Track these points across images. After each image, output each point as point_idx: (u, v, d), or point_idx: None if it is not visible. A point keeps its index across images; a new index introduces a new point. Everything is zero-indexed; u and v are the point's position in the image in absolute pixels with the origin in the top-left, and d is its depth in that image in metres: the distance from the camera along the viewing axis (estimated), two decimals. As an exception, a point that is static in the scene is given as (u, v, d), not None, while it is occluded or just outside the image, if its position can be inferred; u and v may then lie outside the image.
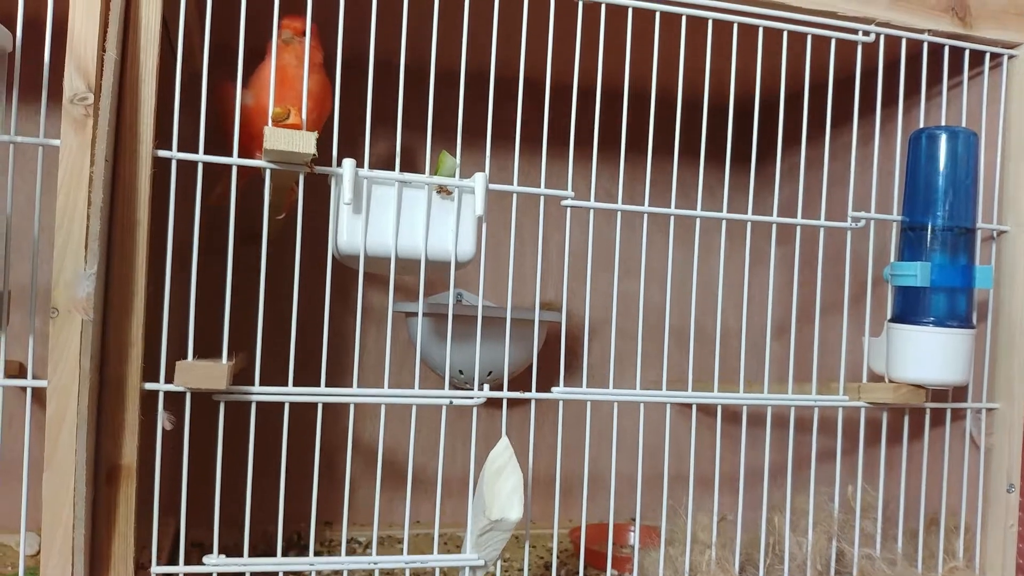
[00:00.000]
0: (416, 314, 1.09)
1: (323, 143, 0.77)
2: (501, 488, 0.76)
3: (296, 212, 0.82)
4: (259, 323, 0.77)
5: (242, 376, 0.80)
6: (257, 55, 0.85)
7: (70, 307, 0.70)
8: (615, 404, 0.87)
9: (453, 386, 1.13)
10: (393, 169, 0.80)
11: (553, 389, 0.84)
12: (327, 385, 0.80)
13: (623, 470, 0.90)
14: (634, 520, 1.22)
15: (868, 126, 0.96)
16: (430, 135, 0.82)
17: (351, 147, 0.82)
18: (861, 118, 0.93)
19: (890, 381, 0.91)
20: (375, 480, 0.87)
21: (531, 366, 0.87)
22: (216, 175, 0.86)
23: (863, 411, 0.93)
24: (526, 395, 0.83)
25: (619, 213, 0.86)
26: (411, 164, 1.11)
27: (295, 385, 0.79)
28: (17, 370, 1.02)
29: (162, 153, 0.74)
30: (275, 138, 0.73)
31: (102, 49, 0.70)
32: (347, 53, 0.83)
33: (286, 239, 0.87)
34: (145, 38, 0.73)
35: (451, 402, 0.82)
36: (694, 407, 0.90)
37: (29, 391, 0.73)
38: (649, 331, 0.92)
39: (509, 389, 0.84)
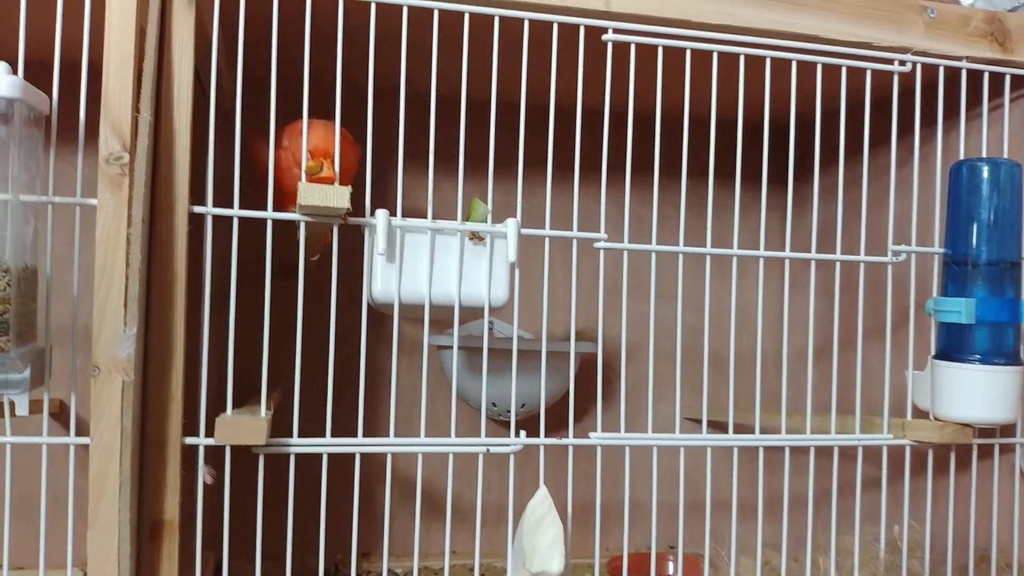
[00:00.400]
0: (447, 347, 1.10)
1: (355, 190, 0.77)
2: (541, 540, 0.76)
3: (331, 255, 0.82)
4: (296, 376, 0.78)
5: (280, 422, 0.80)
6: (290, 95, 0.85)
7: (111, 366, 0.70)
8: (654, 448, 0.86)
9: (494, 420, 1.13)
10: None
11: (591, 435, 0.84)
12: (364, 422, 0.80)
13: (662, 498, 0.90)
14: (673, 548, 1.21)
15: (904, 148, 0.94)
16: (461, 177, 0.82)
17: (381, 184, 0.82)
18: (897, 142, 0.91)
19: (935, 418, 0.90)
20: (411, 511, 0.86)
21: (566, 395, 0.86)
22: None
23: (908, 448, 0.91)
24: (563, 441, 0.83)
25: (653, 254, 0.85)
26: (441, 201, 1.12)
27: (333, 426, 0.80)
28: (58, 407, 1.03)
29: (197, 209, 0.75)
30: (309, 193, 0.74)
31: (136, 109, 0.71)
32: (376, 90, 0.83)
33: (321, 276, 0.87)
34: (178, 96, 0.74)
35: (488, 450, 0.82)
36: (735, 450, 0.89)
37: (72, 448, 0.74)
38: (686, 356, 0.92)
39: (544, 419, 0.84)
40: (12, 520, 0.75)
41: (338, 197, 0.74)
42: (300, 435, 0.78)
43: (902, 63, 0.89)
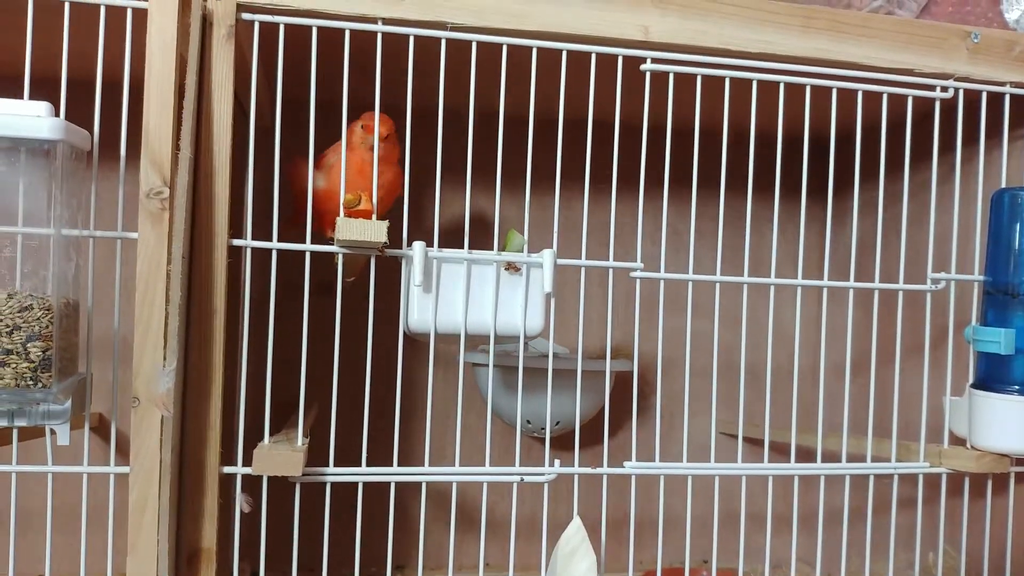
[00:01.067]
0: (481, 364, 1.10)
1: (392, 219, 0.77)
2: (574, 571, 0.76)
3: (368, 282, 0.82)
4: (332, 405, 0.78)
5: (316, 448, 0.81)
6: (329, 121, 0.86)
7: (150, 399, 0.71)
8: (689, 477, 0.86)
9: (530, 436, 1.13)
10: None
11: (626, 464, 0.84)
12: (399, 435, 0.80)
13: (695, 512, 0.89)
14: (707, 563, 1.21)
15: (945, 170, 0.93)
16: (498, 208, 0.82)
17: (416, 208, 0.83)
18: (936, 163, 0.90)
19: (972, 447, 0.89)
20: (445, 523, 0.87)
21: (600, 411, 0.86)
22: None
23: (944, 477, 0.90)
24: (598, 471, 0.83)
25: (690, 283, 0.85)
26: (479, 219, 1.12)
27: (368, 442, 0.80)
28: (98, 420, 1.05)
29: (236, 242, 0.76)
30: (347, 228, 0.74)
31: (176, 146, 0.71)
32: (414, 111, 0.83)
33: (356, 296, 0.88)
34: (218, 131, 0.74)
35: (522, 479, 0.82)
36: (771, 478, 0.89)
37: (112, 478, 0.75)
38: (721, 372, 0.91)
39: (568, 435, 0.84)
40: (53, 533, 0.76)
41: (375, 231, 0.74)
42: (336, 453, 0.79)
43: (944, 89, 0.88)
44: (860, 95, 0.86)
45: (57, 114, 0.68)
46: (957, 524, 0.92)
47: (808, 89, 0.85)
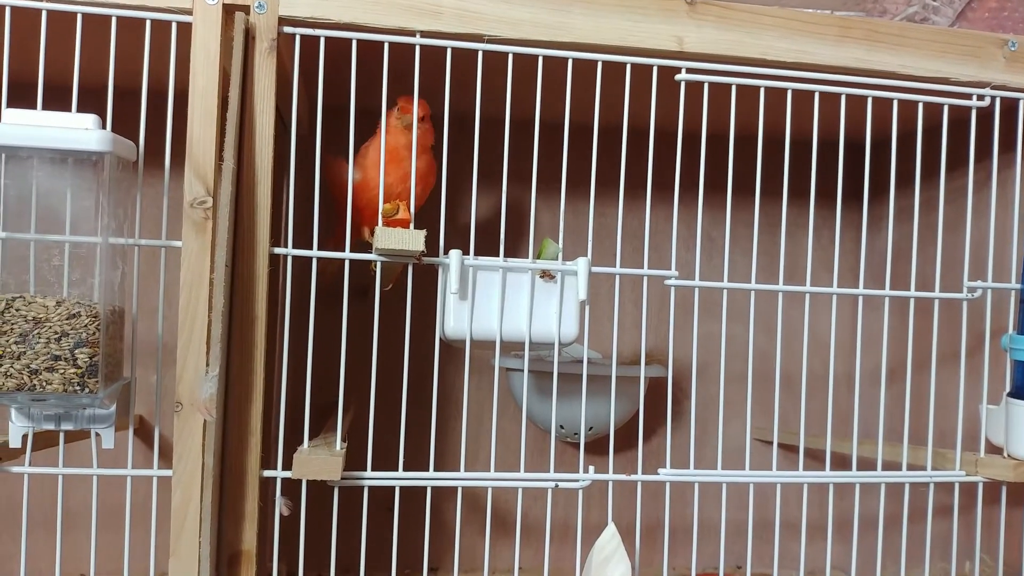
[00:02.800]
0: (515, 369, 1.11)
1: (428, 226, 0.79)
2: (609, 577, 0.77)
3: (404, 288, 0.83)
4: (371, 410, 0.80)
5: (352, 451, 0.82)
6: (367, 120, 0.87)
7: (194, 403, 0.73)
8: (724, 485, 0.86)
9: (562, 441, 1.14)
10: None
11: (660, 471, 0.84)
12: (436, 437, 0.82)
13: (729, 516, 0.89)
14: (741, 568, 1.21)
15: (982, 172, 0.93)
16: (533, 215, 0.83)
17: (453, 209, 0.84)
18: (974, 168, 0.90)
19: (1009, 456, 0.88)
20: (479, 526, 0.88)
21: (634, 416, 0.87)
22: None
23: (980, 485, 0.90)
24: (632, 478, 0.84)
25: (725, 291, 0.85)
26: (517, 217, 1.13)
27: (405, 456, 0.82)
28: (139, 422, 1.07)
29: (277, 250, 0.77)
30: (386, 237, 0.75)
31: (219, 157, 0.73)
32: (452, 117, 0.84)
33: (390, 302, 0.90)
34: (260, 142, 0.76)
35: (556, 485, 0.83)
36: (805, 486, 0.89)
37: (155, 480, 0.77)
38: (756, 378, 0.91)
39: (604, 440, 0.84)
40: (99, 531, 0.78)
41: (413, 240, 0.76)
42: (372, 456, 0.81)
43: (980, 97, 0.88)
44: (896, 103, 0.86)
45: (104, 125, 0.70)
46: (994, 533, 0.91)
47: (843, 98, 0.85)
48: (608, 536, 0.79)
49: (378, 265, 0.81)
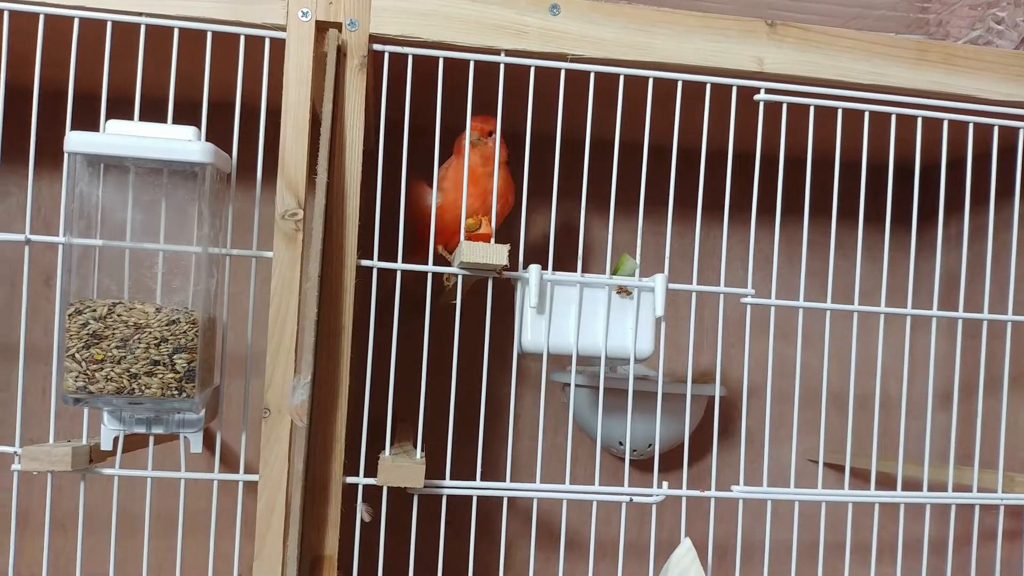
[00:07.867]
0: (583, 386, 1.11)
1: (509, 242, 0.80)
2: (685, 591, 0.78)
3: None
4: (450, 422, 0.81)
5: (432, 464, 0.83)
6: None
7: (281, 409, 0.75)
8: (796, 503, 0.87)
9: (612, 454, 1.15)
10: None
11: (733, 488, 0.85)
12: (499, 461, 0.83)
13: (776, 536, 0.90)
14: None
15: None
16: (611, 232, 0.84)
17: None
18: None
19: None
20: (528, 540, 0.88)
21: (692, 434, 0.87)
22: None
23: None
24: (705, 494, 0.84)
25: (801, 310, 0.86)
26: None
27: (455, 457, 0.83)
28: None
29: (364, 262, 0.79)
30: (471, 251, 0.77)
31: (311, 171, 0.75)
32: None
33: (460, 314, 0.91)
34: (350, 157, 0.78)
35: (631, 499, 0.84)
36: (876, 506, 0.89)
37: (241, 484, 0.79)
38: (815, 399, 0.92)
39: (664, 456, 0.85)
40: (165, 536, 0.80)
41: (497, 255, 0.77)
42: (433, 466, 0.81)
43: (1060, 120, 0.88)
44: (971, 127, 0.87)
45: (201, 138, 0.72)
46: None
47: (893, 118, 0.86)
48: (683, 551, 0.80)
49: (459, 278, 0.82)
